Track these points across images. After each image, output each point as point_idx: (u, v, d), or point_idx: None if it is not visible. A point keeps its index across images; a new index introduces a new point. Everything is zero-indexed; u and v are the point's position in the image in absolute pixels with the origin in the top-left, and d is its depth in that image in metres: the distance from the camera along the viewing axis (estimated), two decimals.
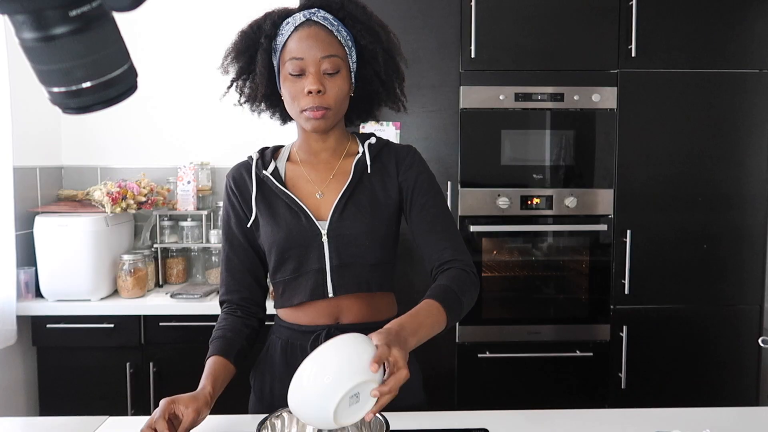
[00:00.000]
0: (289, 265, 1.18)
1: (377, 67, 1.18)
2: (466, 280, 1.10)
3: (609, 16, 2.21)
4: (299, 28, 1.13)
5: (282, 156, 1.26)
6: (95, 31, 0.49)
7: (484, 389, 2.28)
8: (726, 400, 2.31)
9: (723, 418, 1.12)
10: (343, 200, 1.17)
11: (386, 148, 1.25)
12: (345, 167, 1.22)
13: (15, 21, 0.47)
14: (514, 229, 2.28)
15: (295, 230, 1.17)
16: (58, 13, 0.46)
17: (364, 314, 1.20)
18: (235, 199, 1.23)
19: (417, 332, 0.96)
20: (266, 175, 1.20)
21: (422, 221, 1.18)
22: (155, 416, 0.97)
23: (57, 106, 0.52)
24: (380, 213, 1.19)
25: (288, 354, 1.21)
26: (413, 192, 1.19)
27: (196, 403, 1.01)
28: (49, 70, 0.49)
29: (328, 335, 1.18)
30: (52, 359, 2.22)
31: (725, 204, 2.27)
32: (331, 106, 1.13)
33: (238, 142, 2.61)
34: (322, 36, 1.12)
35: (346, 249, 1.16)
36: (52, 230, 2.19)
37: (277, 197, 1.20)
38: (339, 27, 1.14)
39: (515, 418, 1.12)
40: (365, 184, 1.20)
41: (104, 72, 0.51)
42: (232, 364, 1.16)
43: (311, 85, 1.10)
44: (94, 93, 0.51)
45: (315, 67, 1.11)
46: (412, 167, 1.21)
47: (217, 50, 1.33)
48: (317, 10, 1.14)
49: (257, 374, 1.26)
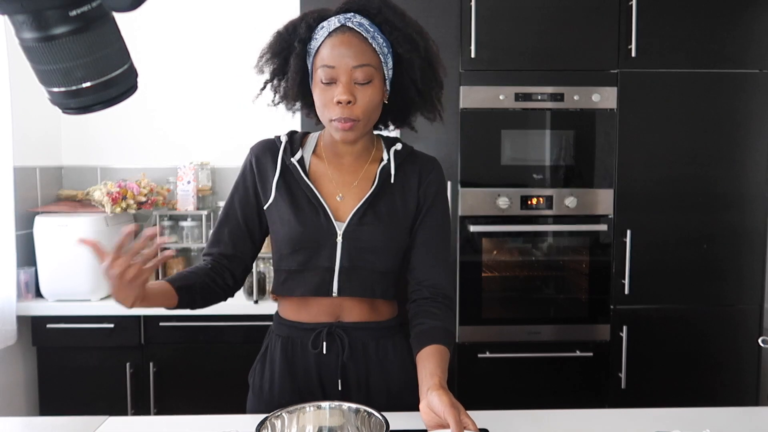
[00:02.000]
0: (298, 257, 1.18)
1: (414, 75, 1.15)
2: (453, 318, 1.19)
3: (609, 16, 2.21)
4: (333, 34, 1.09)
5: (308, 146, 1.24)
6: (95, 31, 0.49)
7: (484, 389, 2.28)
8: (726, 400, 2.31)
9: (723, 418, 1.12)
10: (364, 207, 1.17)
11: (410, 157, 1.23)
12: (369, 173, 1.21)
13: (15, 21, 0.47)
14: (514, 229, 2.27)
15: (313, 226, 1.16)
16: (58, 13, 0.46)
17: (366, 315, 1.21)
18: (251, 177, 1.22)
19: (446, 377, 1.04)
20: (293, 164, 1.19)
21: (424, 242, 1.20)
22: None
23: (57, 106, 0.52)
24: (397, 224, 1.19)
25: (288, 351, 1.22)
26: (427, 212, 1.21)
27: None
28: (49, 70, 0.49)
29: (329, 333, 1.19)
30: (52, 359, 2.22)
31: (725, 204, 2.27)
32: (360, 118, 1.10)
33: (238, 142, 2.60)
34: (356, 43, 1.08)
35: (358, 254, 1.16)
36: (52, 230, 2.19)
37: (299, 188, 1.18)
38: (375, 33, 1.10)
39: (515, 418, 1.12)
40: (387, 193, 1.19)
41: (104, 72, 0.51)
42: (175, 290, 1.12)
43: (341, 96, 1.08)
44: (94, 93, 0.51)
45: (346, 77, 1.08)
46: (432, 185, 1.22)
47: (218, 50, 1.33)
48: (353, 15, 1.10)
49: (256, 373, 1.26)
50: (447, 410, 0.91)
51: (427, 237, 1.20)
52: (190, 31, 2.62)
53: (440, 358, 1.05)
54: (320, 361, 1.20)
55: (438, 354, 1.06)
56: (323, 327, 1.19)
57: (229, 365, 2.18)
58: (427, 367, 1.03)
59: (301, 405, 0.98)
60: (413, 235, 1.21)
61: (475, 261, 2.27)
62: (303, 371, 1.21)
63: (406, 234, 1.20)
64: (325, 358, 1.19)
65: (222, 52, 2.60)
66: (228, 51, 2.59)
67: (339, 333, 1.19)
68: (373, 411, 0.95)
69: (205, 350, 2.22)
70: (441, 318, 1.13)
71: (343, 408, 0.98)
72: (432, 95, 1.20)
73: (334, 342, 1.19)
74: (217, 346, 2.22)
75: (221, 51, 2.61)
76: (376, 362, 1.21)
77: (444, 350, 1.08)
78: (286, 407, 0.97)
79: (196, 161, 2.57)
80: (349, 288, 1.18)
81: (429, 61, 1.17)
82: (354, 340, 1.20)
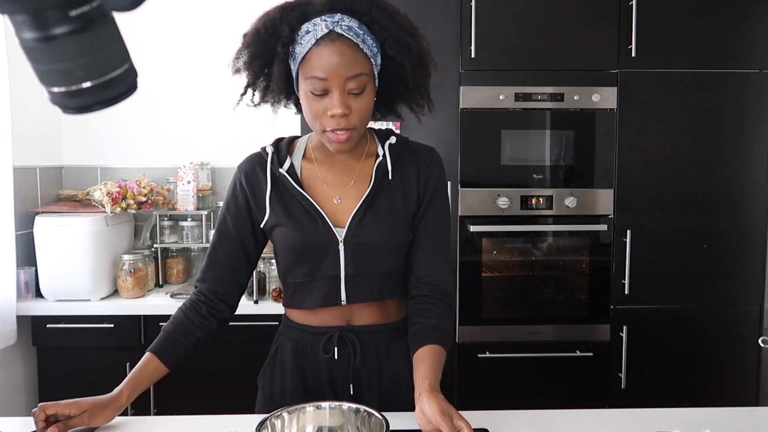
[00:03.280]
0: (302, 268, 1.15)
1: (405, 75, 1.10)
2: (451, 315, 1.15)
3: (609, 16, 2.21)
4: (321, 42, 1.01)
5: (297, 151, 1.19)
6: (95, 31, 0.48)
7: (484, 389, 2.28)
8: (726, 400, 2.31)
9: (723, 418, 1.12)
10: (363, 207, 1.13)
11: (406, 149, 1.18)
12: (365, 171, 1.16)
13: (15, 21, 0.47)
14: (514, 229, 2.27)
15: (312, 235, 1.12)
16: (58, 13, 0.46)
17: (376, 317, 1.19)
18: (242, 196, 1.17)
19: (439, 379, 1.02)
20: (282, 174, 1.14)
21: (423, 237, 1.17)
22: (51, 411, 0.98)
23: (57, 106, 0.52)
24: (398, 220, 1.15)
25: (299, 355, 1.20)
26: (428, 205, 1.17)
27: (99, 412, 1.02)
28: (49, 70, 0.49)
29: (340, 337, 1.17)
30: (52, 359, 2.22)
31: (725, 204, 2.27)
32: (357, 127, 1.06)
33: (238, 142, 2.60)
34: (348, 52, 1.01)
35: (362, 258, 1.13)
36: (52, 230, 2.18)
37: (293, 198, 1.14)
38: (365, 36, 1.03)
39: (515, 418, 1.12)
40: (385, 190, 1.15)
41: (104, 72, 0.50)
42: (167, 367, 1.13)
43: (336, 109, 1.02)
44: (94, 93, 0.51)
45: (340, 89, 1.01)
46: (432, 176, 1.17)
47: (218, 50, 1.32)
48: (341, 18, 1.01)
49: (266, 376, 1.25)
50: (438, 418, 0.90)
51: (426, 231, 1.17)
52: (190, 30, 2.63)
53: (433, 359, 1.04)
54: (332, 365, 1.18)
55: (431, 355, 1.04)
56: (334, 331, 1.17)
57: (228, 365, 2.18)
58: (421, 370, 1.02)
59: (301, 405, 0.98)
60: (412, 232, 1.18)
61: (475, 261, 2.27)
62: (314, 375, 1.19)
63: (409, 229, 1.17)
64: (336, 363, 1.18)
65: (222, 52, 2.59)
66: (228, 51, 2.58)
67: (350, 337, 1.17)
68: (373, 411, 0.95)
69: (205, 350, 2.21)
70: (437, 315, 1.11)
71: (343, 408, 0.98)
72: (420, 90, 1.14)
73: (345, 346, 1.17)
74: (216, 346, 2.21)
75: (221, 51, 2.60)
76: (387, 365, 1.20)
77: (438, 350, 1.06)
78: (287, 407, 0.97)
79: (196, 161, 2.57)
80: (358, 294, 1.15)
81: (420, 61, 1.11)
82: (365, 343, 1.18)
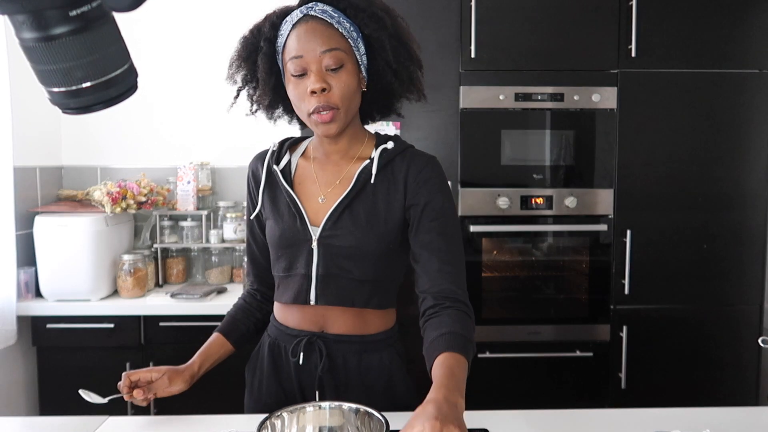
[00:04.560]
0: (281, 263, 1.18)
1: (386, 56, 1.10)
2: (462, 318, 1.02)
3: (609, 16, 2.21)
4: (297, 24, 1.07)
5: (299, 150, 1.23)
6: (95, 31, 0.49)
7: (484, 389, 2.28)
8: (726, 400, 2.31)
9: (723, 418, 1.12)
10: (339, 209, 1.11)
11: (401, 156, 1.14)
12: (352, 172, 1.14)
13: (15, 21, 0.47)
14: (514, 229, 2.27)
15: (290, 231, 1.15)
16: (58, 13, 0.46)
17: (350, 326, 1.16)
18: (248, 189, 1.25)
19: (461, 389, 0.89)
20: (275, 170, 1.19)
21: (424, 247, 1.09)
22: (135, 377, 1.10)
23: (57, 106, 0.52)
24: (377, 228, 1.11)
25: (274, 353, 1.22)
26: (422, 213, 1.10)
27: (177, 376, 1.13)
28: (49, 70, 0.49)
29: (309, 343, 1.15)
30: (52, 359, 2.22)
31: (725, 204, 2.27)
32: (338, 105, 1.06)
33: (238, 142, 2.61)
34: (321, 30, 1.05)
35: (333, 260, 1.12)
36: (52, 230, 2.18)
37: (281, 193, 1.18)
38: (340, 18, 1.07)
39: (515, 418, 1.12)
40: (368, 195, 1.12)
41: (104, 72, 0.51)
42: (231, 344, 1.23)
43: (314, 84, 1.04)
44: (94, 93, 0.51)
45: (316, 65, 1.05)
46: (425, 185, 1.10)
47: (218, 50, 1.33)
48: (315, 4, 1.07)
49: (250, 369, 1.28)
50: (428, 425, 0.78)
51: (426, 240, 1.09)
52: (190, 30, 2.62)
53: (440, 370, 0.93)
54: (299, 370, 1.18)
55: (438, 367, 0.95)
56: (304, 336, 1.16)
57: (228, 365, 2.15)
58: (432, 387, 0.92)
59: (301, 405, 0.98)
60: (412, 246, 1.11)
61: (475, 261, 2.27)
62: (286, 375, 1.20)
63: (391, 239, 1.12)
64: (303, 368, 1.17)
65: (222, 53, 2.59)
66: (228, 51, 2.58)
67: (319, 344, 1.15)
68: (373, 411, 0.95)
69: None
70: (443, 323, 1.01)
71: (343, 408, 0.98)
72: (409, 74, 1.14)
73: (313, 352, 1.16)
74: None
75: (221, 51, 2.60)
76: (356, 377, 1.16)
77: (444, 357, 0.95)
78: (286, 407, 0.97)
79: (196, 161, 2.57)
80: (325, 296, 1.13)
81: (399, 38, 1.11)
82: (334, 352, 1.15)
